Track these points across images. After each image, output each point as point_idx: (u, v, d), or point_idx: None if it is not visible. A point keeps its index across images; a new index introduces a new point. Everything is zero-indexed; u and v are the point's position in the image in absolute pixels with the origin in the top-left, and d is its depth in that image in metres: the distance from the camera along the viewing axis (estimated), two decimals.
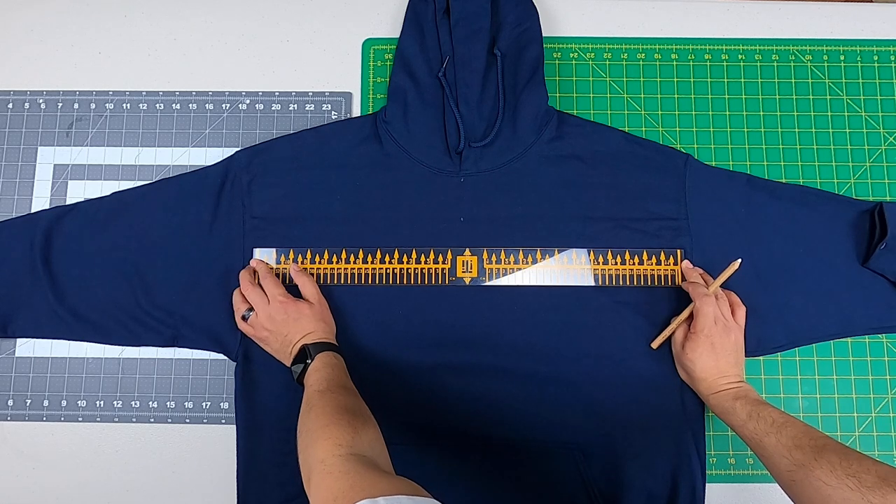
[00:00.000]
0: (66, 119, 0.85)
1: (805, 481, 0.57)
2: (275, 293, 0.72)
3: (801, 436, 0.61)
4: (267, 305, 0.72)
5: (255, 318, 0.72)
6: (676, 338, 0.73)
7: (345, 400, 0.62)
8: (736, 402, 0.67)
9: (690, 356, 0.70)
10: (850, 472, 0.54)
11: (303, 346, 0.69)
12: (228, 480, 0.75)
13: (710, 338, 0.70)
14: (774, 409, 0.65)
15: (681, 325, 0.73)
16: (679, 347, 0.73)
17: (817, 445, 0.59)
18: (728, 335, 0.71)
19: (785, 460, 0.60)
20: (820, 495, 0.56)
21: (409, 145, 0.79)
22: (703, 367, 0.70)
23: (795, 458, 0.59)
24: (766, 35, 0.87)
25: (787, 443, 0.61)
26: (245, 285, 0.74)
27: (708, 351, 0.70)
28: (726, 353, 0.70)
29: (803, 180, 0.83)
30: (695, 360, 0.70)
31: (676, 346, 0.73)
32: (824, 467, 0.56)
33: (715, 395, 0.69)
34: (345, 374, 0.68)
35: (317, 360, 0.68)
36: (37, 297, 0.77)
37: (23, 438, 0.78)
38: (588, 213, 0.78)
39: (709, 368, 0.70)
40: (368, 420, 0.61)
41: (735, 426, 0.66)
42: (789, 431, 0.62)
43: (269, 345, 0.73)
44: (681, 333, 0.73)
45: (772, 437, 0.62)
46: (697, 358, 0.70)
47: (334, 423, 0.58)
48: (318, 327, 0.71)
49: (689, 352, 0.71)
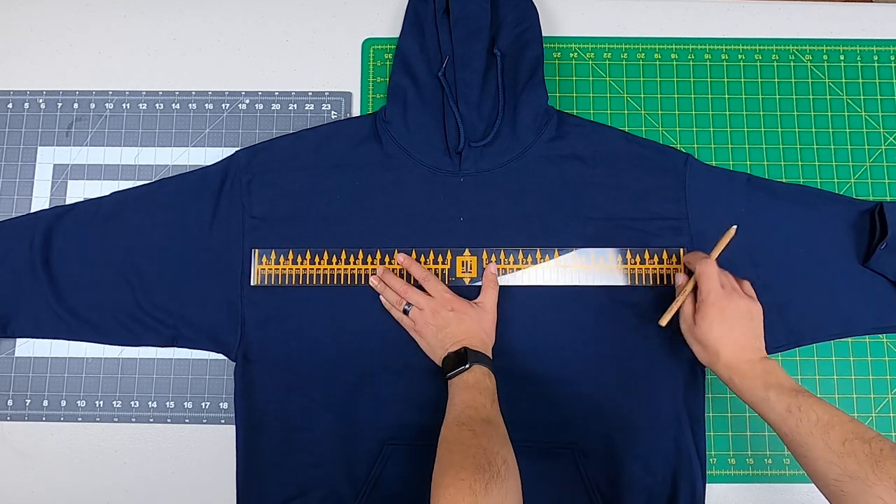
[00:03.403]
0: (66, 119, 0.85)
1: (859, 496, 0.51)
2: (440, 290, 0.73)
3: (854, 439, 0.53)
4: (433, 300, 0.72)
5: (417, 313, 0.73)
6: (685, 313, 0.69)
7: (487, 444, 0.59)
8: (769, 393, 0.60)
9: (702, 327, 0.65)
10: None
11: (464, 347, 0.69)
12: (228, 480, 0.75)
13: (718, 303, 0.65)
14: (817, 402, 0.58)
15: (687, 298, 0.69)
16: (690, 322, 0.68)
17: (874, 453, 0.52)
18: (737, 300, 0.65)
19: (835, 468, 0.53)
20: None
21: (408, 145, 0.79)
22: (717, 338, 0.64)
23: (848, 469, 0.52)
24: (766, 35, 0.87)
25: (837, 448, 0.54)
26: (397, 283, 0.74)
27: (718, 319, 0.64)
28: (739, 320, 0.65)
29: (803, 180, 0.83)
30: (706, 331, 0.65)
31: (686, 321, 0.68)
32: (885, 482, 0.50)
33: (741, 379, 0.63)
34: (492, 403, 0.65)
35: (471, 373, 0.67)
36: (36, 297, 0.77)
37: (23, 438, 0.78)
38: (588, 213, 0.78)
39: (723, 339, 0.64)
40: (502, 471, 0.57)
41: (772, 423, 0.60)
42: (838, 434, 0.54)
43: (427, 339, 0.73)
44: (689, 307, 0.68)
45: (818, 440, 0.55)
46: (709, 328, 0.65)
47: (466, 470, 0.55)
48: (479, 334, 0.71)
49: (699, 323, 0.66)
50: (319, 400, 0.75)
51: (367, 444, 0.74)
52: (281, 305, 0.77)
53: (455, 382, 0.68)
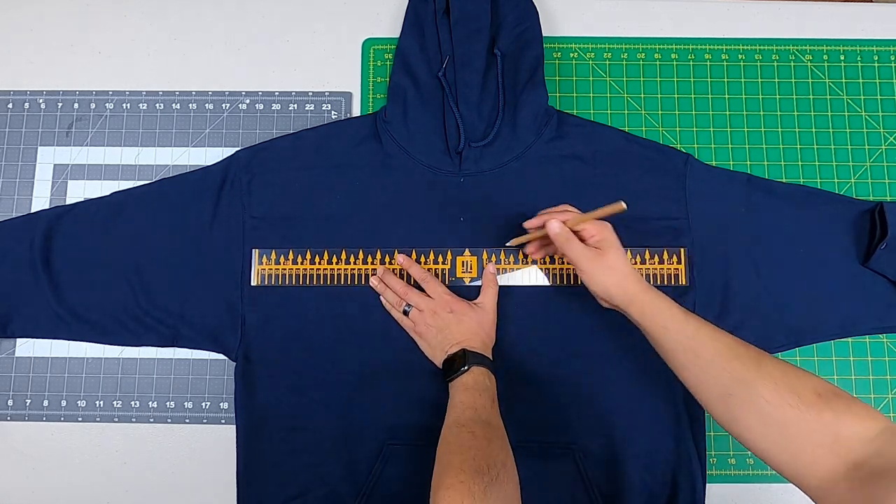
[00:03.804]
0: (66, 119, 0.85)
1: (745, 398, 0.54)
2: (439, 291, 0.73)
3: (738, 345, 0.57)
4: (432, 301, 0.73)
5: (417, 314, 0.73)
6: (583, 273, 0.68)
7: (486, 446, 0.59)
8: (670, 302, 0.62)
9: (593, 286, 0.66)
10: (791, 388, 0.52)
11: (463, 349, 0.69)
12: (228, 480, 0.75)
13: (593, 261, 0.65)
14: (703, 318, 0.61)
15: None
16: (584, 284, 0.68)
17: (755, 357, 0.55)
18: (604, 256, 0.65)
19: (725, 374, 0.55)
20: (759, 413, 0.53)
21: (409, 145, 0.79)
22: (610, 285, 0.65)
23: (735, 371, 0.55)
24: (766, 35, 0.87)
25: (726, 353, 0.56)
26: (398, 284, 0.74)
27: (600, 274, 0.65)
28: (617, 268, 0.65)
29: (803, 180, 0.83)
30: (597, 283, 0.66)
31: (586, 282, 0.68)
32: (767, 383, 0.53)
33: (647, 289, 0.64)
34: (492, 404, 0.66)
35: (470, 375, 0.67)
36: (37, 297, 0.77)
37: (23, 438, 0.78)
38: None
39: (608, 284, 0.65)
40: (501, 474, 0.57)
41: (669, 329, 0.61)
42: (726, 340, 0.57)
43: (427, 340, 0.73)
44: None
45: (709, 347, 0.57)
46: (598, 281, 0.65)
47: (465, 472, 0.56)
48: (480, 335, 0.71)
49: (589, 283, 0.66)
50: (320, 400, 0.75)
51: (368, 445, 0.74)
52: (281, 305, 0.77)
53: (455, 384, 0.68)
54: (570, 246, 0.67)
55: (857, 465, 0.49)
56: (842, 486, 0.49)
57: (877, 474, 0.47)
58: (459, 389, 0.67)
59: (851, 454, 0.49)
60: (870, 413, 0.51)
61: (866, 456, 0.49)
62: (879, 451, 0.49)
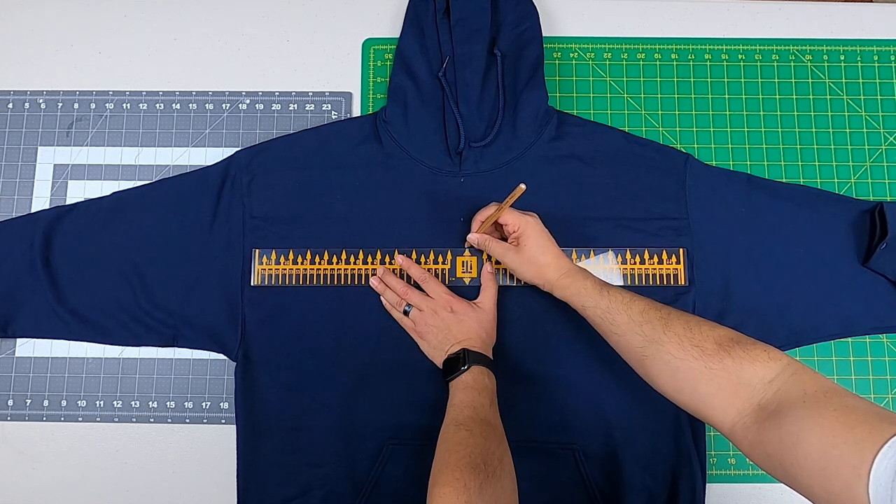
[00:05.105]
0: (66, 119, 0.85)
1: (656, 356, 0.58)
2: (439, 291, 0.74)
3: (649, 309, 0.61)
4: (432, 301, 0.73)
5: (417, 314, 0.73)
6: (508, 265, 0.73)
7: (483, 444, 0.60)
8: (587, 282, 0.67)
9: (519, 277, 0.73)
10: (693, 342, 0.56)
11: (463, 349, 0.69)
12: (228, 480, 0.75)
13: (517, 256, 0.71)
14: (620, 289, 0.65)
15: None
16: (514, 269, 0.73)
17: (663, 317, 0.59)
18: (521, 252, 0.71)
19: (638, 337, 0.60)
20: (669, 369, 0.57)
21: (409, 145, 0.79)
22: (529, 271, 0.71)
23: (646, 334, 0.59)
24: (766, 35, 0.87)
25: (637, 318, 0.61)
26: (398, 284, 0.75)
27: (520, 268, 0.71)
28: (542, 252, 0.70)
29: (803, 180, 0.83)
30: (521, 275, 0.72)
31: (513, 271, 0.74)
32: (672, 340, 0.57)
33: (566, 274, 0.69)
34: (490, 403, 0.66)
35: (469, 374, 0.68)
36: (37, 297, 0.77)
37: (23, 438, 0.78)
38: (588, 213, 0.78)
39: (529, 276, 0.71)
40: (497, 470, 0.58)
41: (587, 307, 0.66)
42: (638, 306, 0.62)
43: (428, 341, 0.73)
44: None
45: (623, 315, 0.62)
46: (521, 274, 0.72)
47: (462, 470, 0.56)
48: (480, 334, 0.71)
49: (517, 276, 0.73)
50: (320, 400, 0.75)
51: (368, 444, 0.74)
52: (281, 305, 0.77)
53: (454, 383, 0.68)
54: (491, 248, 0.73)
55: (761, 405, 0.52)
56: (752, 427, 0.51)
57: (781, 412, 0.50)
58: (459, 388, 0.67)
59: (756, 396, 0.52)
60: (770, 354, 0.53)
61: (769, 396, 0.52)
62: (780, 390, 0.51)
